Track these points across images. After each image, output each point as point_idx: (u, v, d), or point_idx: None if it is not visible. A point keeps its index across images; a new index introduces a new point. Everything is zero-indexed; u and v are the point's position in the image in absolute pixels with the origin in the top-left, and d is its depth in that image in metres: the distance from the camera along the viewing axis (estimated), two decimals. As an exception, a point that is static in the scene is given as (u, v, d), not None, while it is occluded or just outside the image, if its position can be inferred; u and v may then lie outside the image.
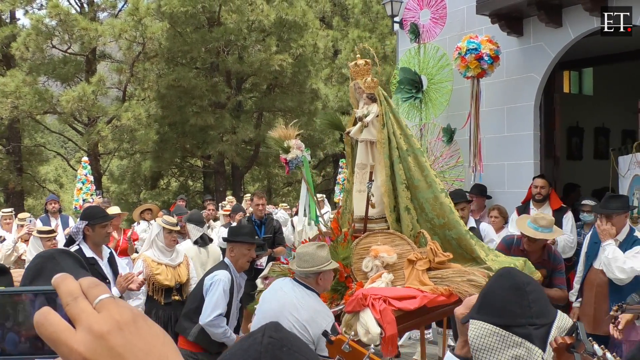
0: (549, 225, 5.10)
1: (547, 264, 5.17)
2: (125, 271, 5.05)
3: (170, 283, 5.25)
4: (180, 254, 5.56)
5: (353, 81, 5.14)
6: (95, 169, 20.17)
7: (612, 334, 4.44)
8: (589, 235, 5.54)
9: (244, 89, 23.21)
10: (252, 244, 4.76)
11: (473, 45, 7.01)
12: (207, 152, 21.61)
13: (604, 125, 11.15)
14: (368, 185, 4.74)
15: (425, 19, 8.41)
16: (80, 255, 4.44)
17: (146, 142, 20.66)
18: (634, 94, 9.59)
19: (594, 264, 5.23)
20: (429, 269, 4.50)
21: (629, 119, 10.35)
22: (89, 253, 4.59)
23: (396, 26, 9.03)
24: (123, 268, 5.04)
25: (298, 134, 5.31)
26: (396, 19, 8.80)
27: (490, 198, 7.55)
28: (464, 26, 8.06)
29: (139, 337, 0.73)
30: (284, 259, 5.26)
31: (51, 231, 6.76)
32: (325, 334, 3.20)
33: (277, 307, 3.72)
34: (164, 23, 20.08)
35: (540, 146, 7.59)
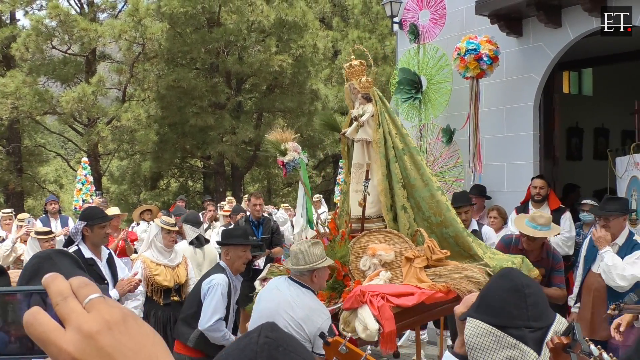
0: (547, 223, 5.09)
1: (546, 262, 5.16)
2: (125, 272, 5.04)
3: (169, 284, 5.24)
4: (179, 254, 5.55)
5: (348, 82, 5.16)
6: (95, 169, 20.17)
7: (614, 337, 4.41)
8: (588, 238, 5.46)
9: (243, 90, 23.21)
10: (247, 246, 4.73)
11: (472, 46, 7.00)
12: (207, 153, 21.62)
13: (603, 125, 11.15)
14: (364, 184, 4.75)
15: (424, 20, 8.41)
16: (79, 255, 4.44)
17: (146, 143, 20.67)
18: (633, 95, 9.58)
19: (592, 268, 5.14)
20: (426, 267, 4.51)
21: (629, 120, 10.35)
22: (87, 254, 4.59)
23: (395, 27, 9.02)
24: (122, 269, 5.03)
25: (295, 137, 5.33)
26: (395, 19, 8.79)
27: (489, 198, 7.55)
28: (464, 27, 8.06)
29: (129, 337, 0.72)
30: (284, 258, 5.27)
31: (49, 232, 6.74)
32: (322, 335, 3.20)
33: (273, 306, 3.73)
34: (164, 24, 20.09)
35: (539, 147, 7.58)
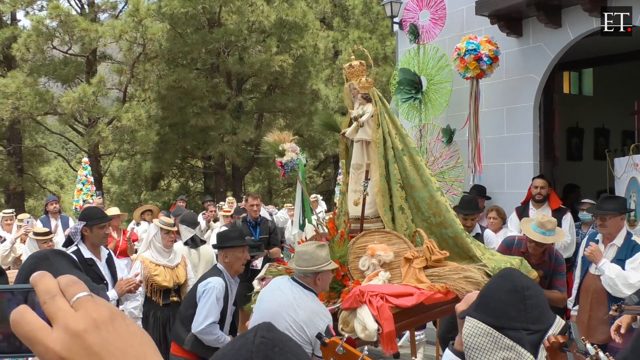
0: (554, 228, 5.05)
1: (548, 265, 5.13)
2: (124, 272, 5.05)
3: (169, 284, 5.23)
4: (178, 254, 5.54)
5: (348, 82, 5.15)
6: (95, 169, 20.18)
7: (614, 339, 4.38)
8: (585, 239, 5.42)
9: (244, 90, 23.22)
10: (245, 247, 4.71)
11: (472, 46, 7.00)
12: (208, 153, 21.61)
13: (604, 126, 11.15)
14: (364, 184, 4.75)
15: (424, 20, 8.41)
16: (78, 256, 4.45)
17: (147, 143, 20.65)
18: (634, 95, 9.58)
19: (590, 270, 5.09)
20: (425, 267, 4.51)
21: (629, 120, 10.35)
22: (87, 254, 4.59)
23: (396, 27, 9.02)
24: (121, 269, 5.03)
25: (293, 138, 5.34)
26: (396, 19, 8.79)
27: (489, 199, 7.55)
28: (464, 27, 8.06)
29: (116, 336, 0.72)
30: (287, 251, 5.25)
31: (47, 233, 6.74)
32: (319, 336, 3.19)
33: (275, 307, 3.71)
34: (165, 24, 20.08)
35: (539, 147, 7.57)
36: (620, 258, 4.82)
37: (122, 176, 24.67)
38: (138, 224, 9.66)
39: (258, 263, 7.20)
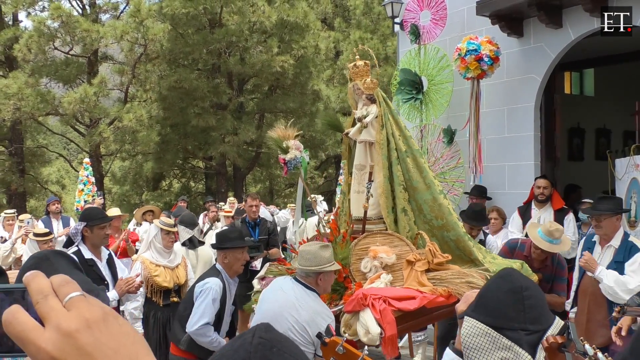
0: (561, 236, 5.01)
1: (550, 269, 5.10)
2: (125, 273, 5.05)
3: (169, 285, 5.22)
4: (178, 255, 5.53)
5: (352, 82, 5.13)
6: (97, 170, 20.19)
7: (615, 341, 4.36)
8: (583, 240, 5.38)
9: (245, 90, 23.23)
10: (244, 247, 4.67)
11: (473, 47, 6.99)
12: (209, 154, 21.62)
13: (605, 126, 11.13)
14: (368, 186, 4.74)
15: (425, 20, 8.40)
16: (79, 256, 4.46)
17: (148, 144, 20.67)
18: (635, 95, 9.57)
19: (587, 272, 5.01)
20: (427, 270, 4.50)
21: (631, 120, 10.34)
22: (87, 254, 4.59)
23: (396, 27, 9.02)
24: (122, 270, 5.03)
25: (297, 134, 5.30)
26: (396, 20, 8.79)
27: (490, 199, 7.54)
28: (465, 27, 8.05)
29: (109, 336, 0.72)
30: (289, 251, 5.23)
31: (47, 233, 6.74)
32: (319, 335, 3.19)
33: (277, 308, 3.70)
34: (166, 25, 20.10)
35: (540, 147, 7.57)
36: (618, 260, 4.75)
37: (124, 177, 24.69)
38: (140, 225, 9.67)
39: (257, 264, 7.19)
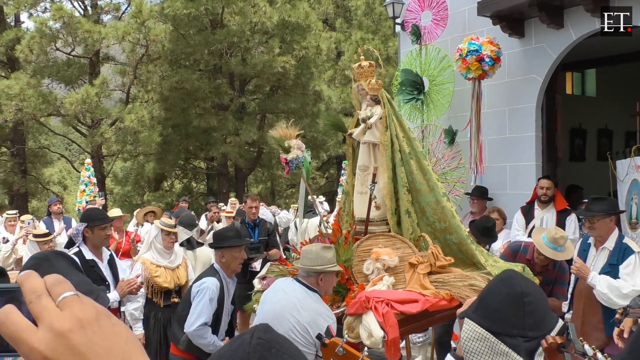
0: (565, 243, 4.99)
1: (551, 273, 5.07)
2: (126, 273, 5.05)
3: (170, 285, 5.22)
4: (179, 256, 5.53)
5: (356, 83, 5.12)
6: (99, 170, 20.23)
7: (617, 343, 4.34)
8: (579, 243, 5.35)
9: (247, 91, 23.25)
10: (241, 246, 4.66)
11: (474, 47, 6.98)
12: (211, 154, 21.65)
13: (607, 126, 11.11)
14: (371, 187, 4.72)
15: (426, 21, 8.39)
16: (80, 257, 4.46)
17: (149, 144, 20.70)
18: (637, 96, 9.56)
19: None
20: (430, 273, 4.49)
21: (633, 121, 10.32)
22: (88, 255, 4.60)
23: (398, 28, 9.02)
24: (123, 270, 5.04)
25: (298, 134, 5.30)
26: (398, 20, 8.78)
27: (491, 200, 7.54)
28: (466, 28, 8.04)
29: (101, 336, 0.72)
30: (290, 252, 5.21)
31: (47, 234, 6.74)
32: (318, 336, 3.19)
33: (278, 309, 3.70)
34: (167, 25, 20.13)
35: (542, 148, 7.55)
36: (612, 262, 4.71)
37: (125, 177, 24.73)
38: (141, 225, 9.68)
39: (257, 265, 7.18)
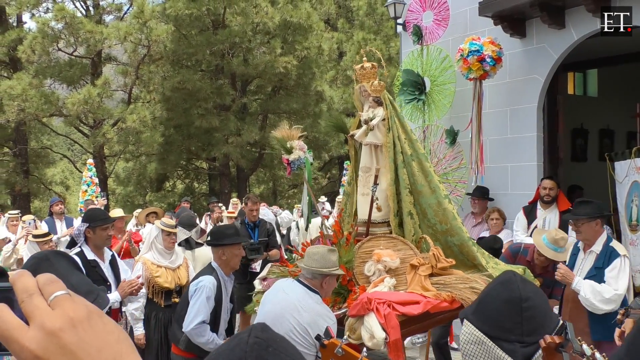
0: (565, 244, 4.98)
1: (551, 274, 5.05)
2: (128, 274, 5.06)
3: (170, 285, 5.21)
4: (180, 256, 5.52)
5: (359, 84, 5.11)
6: (101, 171, 20.26)
7: (618, 344, 4.33)
8: (572, 246, 5.24)
9: (248, 91, 23.27)
10: (241, 243, 4.65)
11: (475, 47, 6.98)
12: (212, 154, 21.67)
13: (608, 127, 11.09)
14: (373, 189, 4.73)
15: (428, 21, 8.39)
16: (81, 257, 4.47)
17: (151, 145, 20.72)
18: (639, 96, 9.54)
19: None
20: (431, 275, 4.49)
21: (634, 121, 10.30)
22: (90, 255, 4.60)
23: (399, 28, 9.02)
24: (125, 271, 5.04)
25: (301, 135, 5.30)
26: (399, 20, 8.78)
27: (492, 200, 7.53)
28: (467, 28, 8.04)
29: (93, 334, 0.72)
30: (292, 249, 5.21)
31: (46, 234, 6.75)
32: (317, 337, 3.19)
33: (279, 309, 3.70)
34: (169, 26, 20.15)
35: (543, 148, 7.55)
36: (598, 266, 4.66)
37: (127, 177, 24.75)
38: (143, 226, 9.70)
39: (257, 265, 7.18)
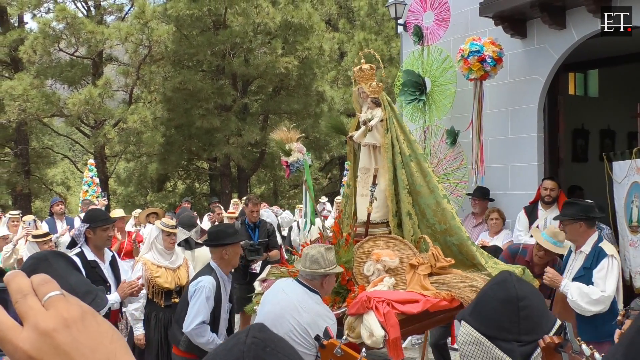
0: (564, 241, 5.00)
1: None
2: (128, 274, 5.06)
3: (170, 286, 5.21)
4: (180, 256, 5.53)
5: (357, 86, 5.13)
6: (102, 171, 20.28)
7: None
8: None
9: (249, 92, 23.27)
10: (240, 242, 4.68)
11: (476, 48, 6.97)
12: (213, 155, 21.68)
13: (609, 127, 11.08)
14: (371, 189, 4.74)
15: (428, 21, 8.39)
16: (81, 258, 4.47)
17: (152, 145, 20.74)
18: (639, 97, 9.54)
19: (564, 277, 4.85)
20: (430, 274, 4.50)
21: (635, 122, 10.28)
22: (90, 256, 4.60)
23: (400, 28, 9.02)
24: (125, 271, 5.04)
25: (299, 137, 5.33)
26: (400, 21, 8.78)
27: (493, 200, 7.53)
28: (468, 28, 8.03)
29: (86, 335, 0.72)
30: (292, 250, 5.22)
31: (45, 234, 6.76)
32: (317, 338, 3.19)
33: (278, 310, 3.69)
34: (170, 26, 20.17)
35: (544, 148, 7.54)
36: (586, 266, 4.64)
37: (128, 178, 24.77)
38: (144, 226, 9.71)
39: (257, 266, 7.18)
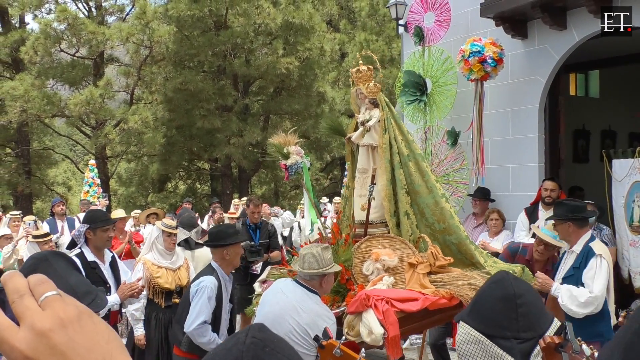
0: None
1: (550, 274, 5.09)
2: (128, 275, 5.06)
3: (171, 286, 5.22)
4: (180, 257, 5.53)
5: (355, 87, 5.15)
6: (103, 172, 20.29)
7: None
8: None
9: (250, 92, 23.28)
10: (241, 241, 4.70)
11: (476, 48, 6.97)
12: (214, 155, 21.69)
13: (610, 127, 11.08)
14: (370, 188, 4.74)
15: (429, 22, 8.39)
16: (81, 258, 4.47)
17: (153, 145, 20.75)
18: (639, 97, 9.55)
19: (556, 277, 4.91)
20: (429, 273, 4.51)
21: (636, 122, 10.29)
22: (90, 257, 4.60)
23: (401, 29, 9.02)
24: (125, 272, 5.04)
25: (298, 141, 5.35)
26: (401, 22, 8.79)
27: (493, 201, 7.53)
28: (469, 29, 8.03)
29: (82, 335, 0.72)
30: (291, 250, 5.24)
31: (45, 234, 6.77)
32: (316, 338, 3.19)
33: (278, 310, 3.70)
34: (171, 27, 20.19)
35: (544, 149, 7.54)
36: (575, 266, 4.65)
37: (129, 178, 24.79)
38: (144, 226, 9.72)
39: (257, 267, 7.18)
